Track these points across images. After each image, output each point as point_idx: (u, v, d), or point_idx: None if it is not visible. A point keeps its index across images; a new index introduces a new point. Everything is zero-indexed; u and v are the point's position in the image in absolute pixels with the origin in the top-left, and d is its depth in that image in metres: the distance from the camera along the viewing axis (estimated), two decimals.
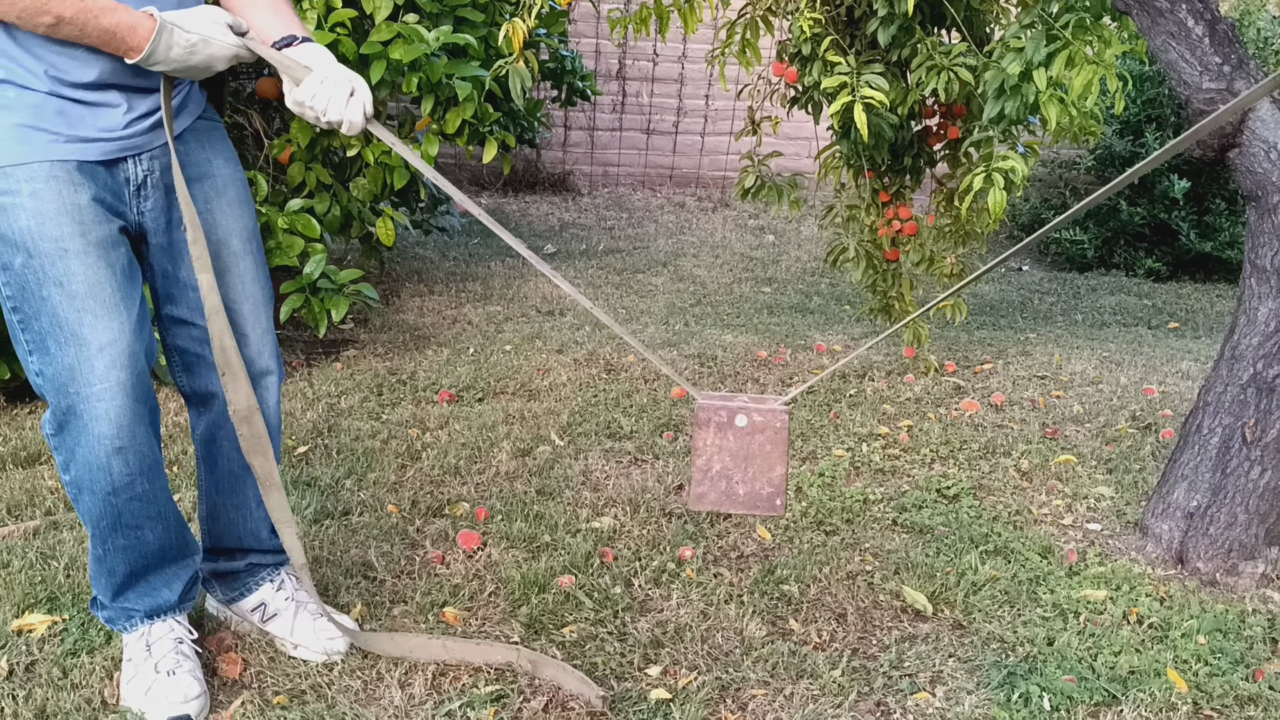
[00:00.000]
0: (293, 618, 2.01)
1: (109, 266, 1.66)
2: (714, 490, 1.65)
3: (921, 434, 3.18)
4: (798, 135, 6.92)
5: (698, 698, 1.88)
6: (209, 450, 1.95)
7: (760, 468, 1.64)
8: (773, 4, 3.28)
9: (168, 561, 1.86)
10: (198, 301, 1.80)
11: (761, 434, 1.62)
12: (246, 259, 1.86)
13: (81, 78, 1.62)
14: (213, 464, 1.96)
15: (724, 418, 1.62)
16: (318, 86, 1.67)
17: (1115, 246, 6.42)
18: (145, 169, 1.72)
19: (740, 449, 1.64)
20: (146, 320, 1.74)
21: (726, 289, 5.34)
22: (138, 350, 1.68)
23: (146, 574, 1.84)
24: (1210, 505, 2.37)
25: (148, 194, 1.74)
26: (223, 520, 2.01)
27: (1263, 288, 2.29)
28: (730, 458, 1.64)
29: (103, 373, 1.64)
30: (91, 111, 1.65)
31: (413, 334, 4.14)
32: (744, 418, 1.62)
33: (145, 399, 1.70)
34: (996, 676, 1.96)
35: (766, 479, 1.64)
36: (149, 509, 1.77)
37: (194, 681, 1.81)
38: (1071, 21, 2.70)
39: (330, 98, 1.67)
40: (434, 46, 3.33)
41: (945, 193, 3.59)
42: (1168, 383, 3.74)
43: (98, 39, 1.58)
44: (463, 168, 7.58)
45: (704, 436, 1.63)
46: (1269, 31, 6.35)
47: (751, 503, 1.65)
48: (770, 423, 1.62)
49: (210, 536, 2.04)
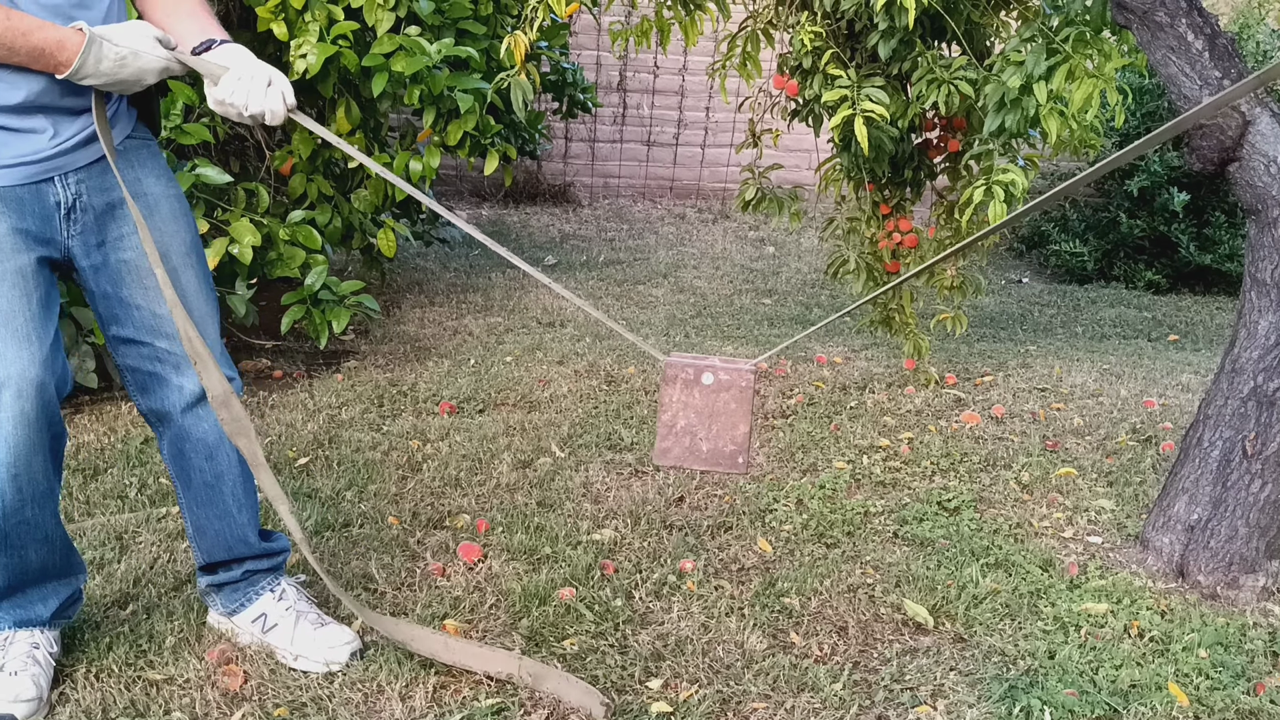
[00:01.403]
0: (293, 627, 2.01)
1: (24, 296, 1.67)
2: (678, 446, 1.66)
3: (922, 446, 3.18)
4: (798, 147, 6.94)
5: (699, 711, 1.88)
6: (180, 466, 1.96)
7: (724, 425, 1.65)
8: (773, 17, 3.29)
9: (48, 579, 1.88)
10: (143, 320, 1.82)
11: (726, 392, 1.64)
12: (187, 273, 1.86)
13: (8, 100, 1.63)
14: (186, 479, 1.97)
15: (690, 375, 1.64)
16: (235, 83, 1.70)
17: (1115, 259, 6.43)
18: (74, 192, 1.73)
19: (705, 406, 1.65)
20: (59, 351, 1.75)
21: (727, 300, 5.34)
22: (46, 381, 1.69)
23: (24, 588, 1.86)
24: (1211, 518, 2.37)
25: (77, 217, 1.74)
26: (209, 533, 2.01)
27: (1263, 301, 2.29)
28: (695, 414, 1.66)
29: (8, 403, 1.65)
30: (16, 137, 1.66)
31: (413, 345, 4.15)
32: (710, 375, 1.63)
33: (48, 428, 1.71)
34: (998, 690, 1.96)
35: (730, 436, 1.65)
36: (35, 533, 1.79)
37: (31, 685, 1.81)
38: (1072, 35, 2.71)
39: (249, 91, 1.70)
40: (436, 59, 3.34)
41: (946, 205, 3.59)
42: (1168, 395, 3.74)
43: (27, 57, 1.59)
44: (464, 179, 7.59)
45: (670, 393, 1.65)
46: (1268, 45, 6.36)
47: (714, 459, 1.66)
48: (735, 381, 1.63)
49: (202, 552, 2.04)
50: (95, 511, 2.59)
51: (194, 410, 1.91)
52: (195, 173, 3.18)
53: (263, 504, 2.63)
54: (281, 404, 3.40)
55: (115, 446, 2.96)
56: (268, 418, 3.26)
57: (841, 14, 3.15)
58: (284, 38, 3.23)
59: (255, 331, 3.99)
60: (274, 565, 2.09)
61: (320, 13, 3.24)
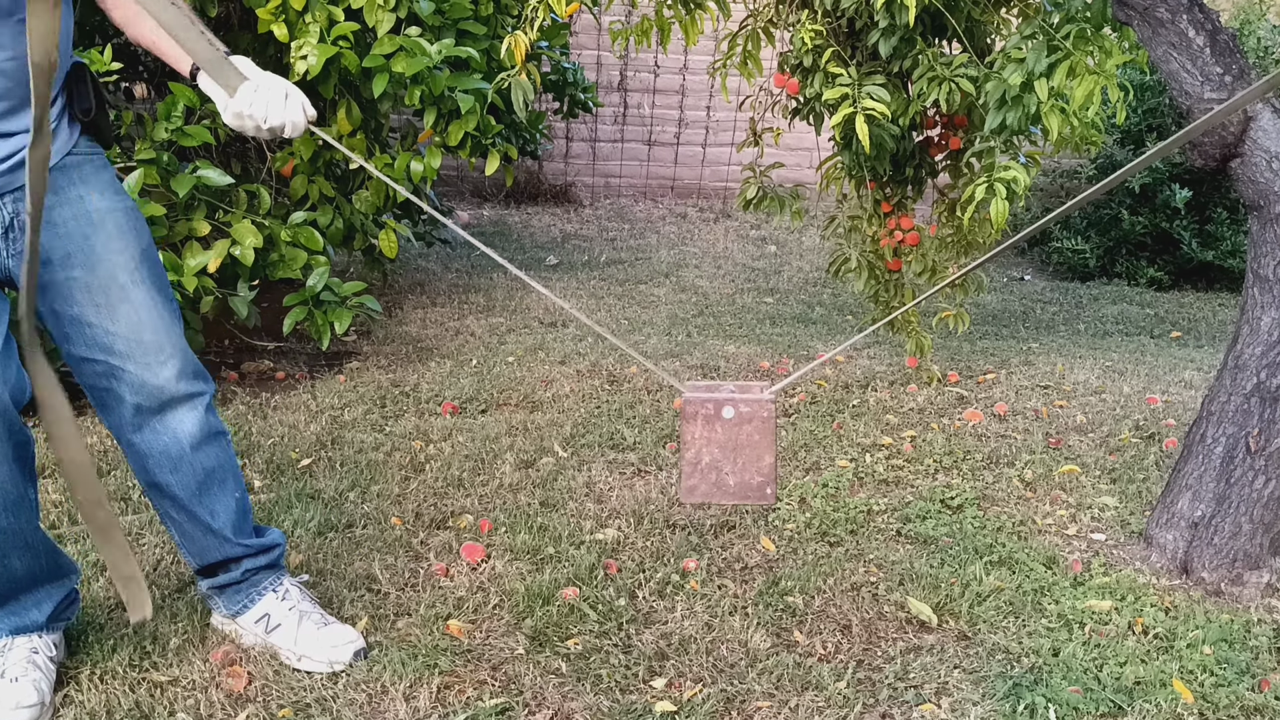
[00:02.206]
0: (296, 627, 2.01)
1: None
2: (704, 483, 1.65)
3: (925, 444, 3.18)
4: (799, 146, 6.93)
5: (703, 710, 1.88)
6: (147, 480, 1.95)
7: (749, 458, 1.64)
8: (774, 16, 3.29)
9: (38, 584, 1.88)
10: (95, 337, 1.81)
11: (749, 424, 1.63)
12: (138, 289, 1.83)
13: None
14: (159, 490, 1.96)
15: (711, 410, 1.62)
16: (253, 94, 1.68)
17: (1117, 256, 6.43)
18: (11, 211, 1.71)
19: (729, 440, 1.64)
20: (13, 362, 1.74)
21: (729, 300, 5.34)
22: (1, 392, 1.68)
23: (16, 595, 1.86)
24: (1215, 515, 2.36)
25: (15, 236, 1.73)
26: (196, 539, 2.01)
27: (1265, 297, 2.29)
28: (719, 449, 1.64)
29: None
30: None
31: (416, 346, 4.15)
32: (731, 409, 1.62)
33: (9, 437, 1.71)
34: (1002, 688, 1.96)
35: (756, 468, 1.64)
36: (14, 541, 1.78)
37: (33, 690, 1.81)
38: (1073, 32, 2.71)
39: (268, 103, 1.68)
40: (436, 59, 3.34)
41: (947, 203, 3.59)
42: (1171, 392, 3.74)
43: None
44: (465, 179, 7.60)
45: (692, 430, 1.64)
46: (1269, 41, 6.36)
47: (743, 493, 1.65)
48: (757, 413, 1.62)
49: (193, 557, 2.04)
50: None
51: (151, 425, 1.89)
52: (197, 175, 3.18)
53: (267, 504, 2.63)
54: (284, 405, 3.40)
55: (118, 449, 2.97)
56: (270, 419, 3.26)
57: (842, 12, 3.15)
58: (284, 39, 3.23)
59: (257, 333, 3.99)
60: (272, 562, 2.08)
61: (321, 14, 3.24)
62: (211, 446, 1.96)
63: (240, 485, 2.03)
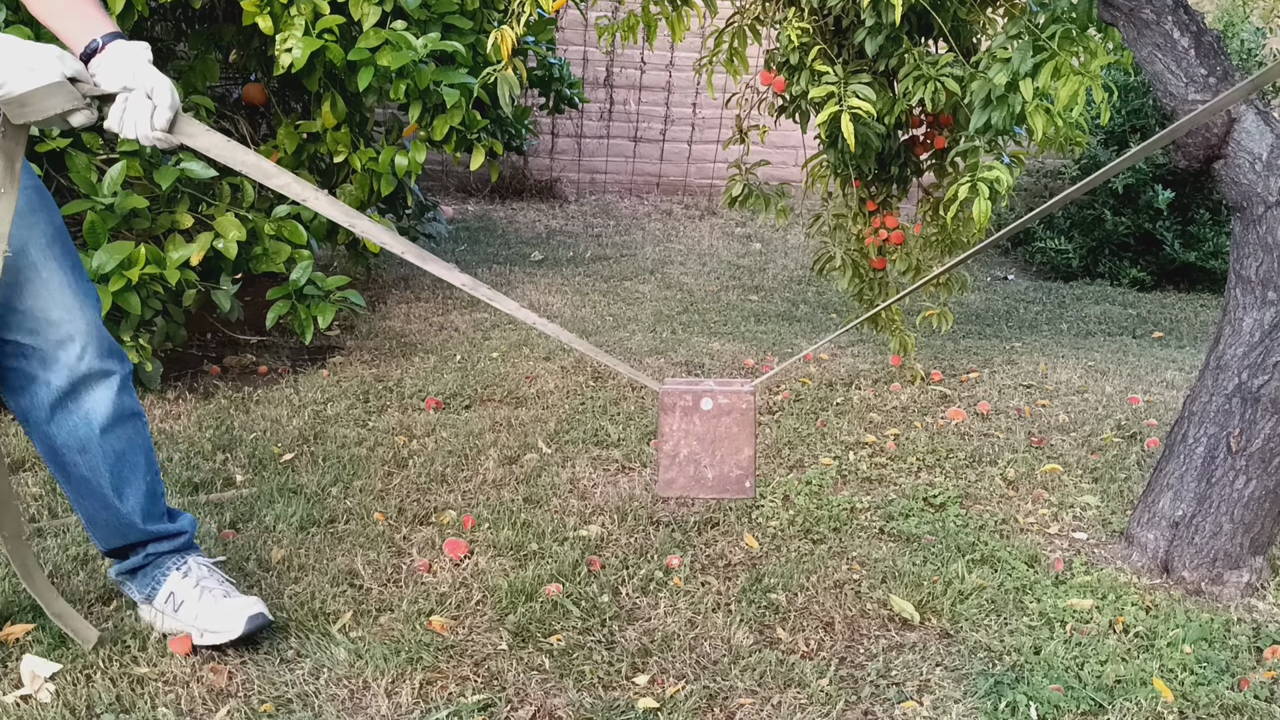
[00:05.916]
0: (197, 602, 1.99)
1: None
2: (682, 475, 1.64)
3: (908, 442, 3.18)
4: (785, 144, 6.94)
5: (685, 707, 1.88)
6: (55, 462, 1.94)
7: (728, 450, 1.62)
8: (760, 13, 3.29)
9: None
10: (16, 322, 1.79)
11: (728, 416, 1.61)
12: (49, 264, 1.81)
13: None
14: (65, 475, 1.94)
15: (689, 402, 1.60)
16: (120, 114, 1.64)
17: (1100, 256, 6.46)
18: None
19: (707, 432, 1.62)
20: None
21: (714, 297, 5.35)
22: None
23: None
24: (1195, 514, 2.38)
25: None
26: (100, 523, 1.99)
27: (1247, 298, 2.30)
28: (697, 441, 1.62)
29: None
30: None
31: (399, 341, 4.13)
32: (709, 401, 1.60)
33: None
34: (983, 685, 1.97)
35: (735, 461, 1.62)
36: None
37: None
38: (1058, 32, 2.72)
39: (136, 121, 1.63)
40: (422, 53, 3.33)
41: (931, 202, 3.60)
42: (1153, 392, 3.76)
43: None
44: (450, 174, 7.57)
45: (670, 422, 1.61)
46: (1252, 43, 6.40)
47: (721, 486, 1.63)
48: (736, 404, 1.60)
49: (101, 541, 2.03)
50: None
51: (64, 405, 1.87)
52: (180, 167, 3.16)
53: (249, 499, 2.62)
54: (266, 399, 3.38)
55: None
56: (253, 413, 3.24)
57: (828, 10, 3.15)
58: (269, 31, 3.22)
59: (240, 327, 3.97)
60: (177, 546, 2.05)
61: (306, 6, 3.23)
62: (124, 428, 1.93)
63: (153, 468, 2.00)
